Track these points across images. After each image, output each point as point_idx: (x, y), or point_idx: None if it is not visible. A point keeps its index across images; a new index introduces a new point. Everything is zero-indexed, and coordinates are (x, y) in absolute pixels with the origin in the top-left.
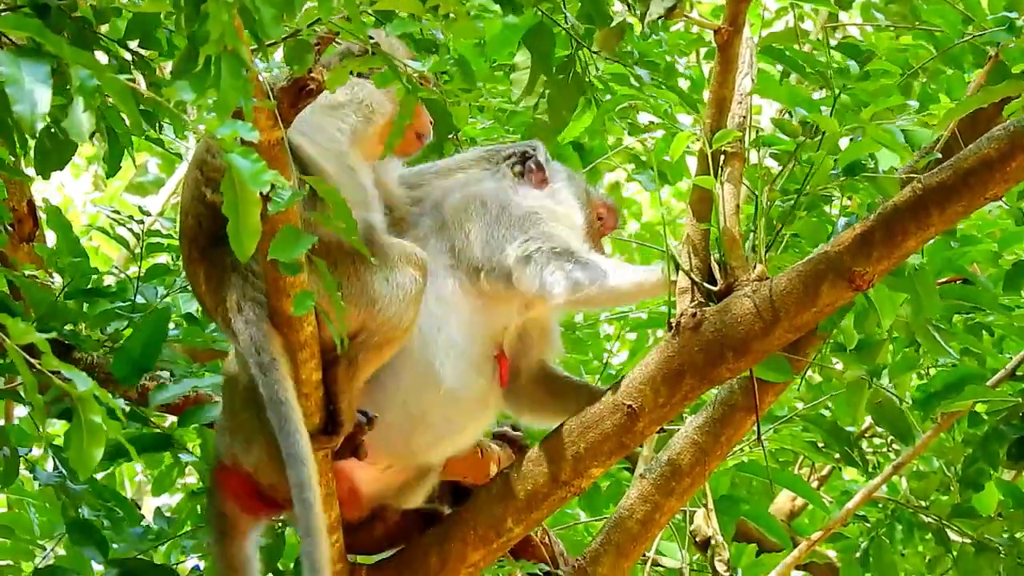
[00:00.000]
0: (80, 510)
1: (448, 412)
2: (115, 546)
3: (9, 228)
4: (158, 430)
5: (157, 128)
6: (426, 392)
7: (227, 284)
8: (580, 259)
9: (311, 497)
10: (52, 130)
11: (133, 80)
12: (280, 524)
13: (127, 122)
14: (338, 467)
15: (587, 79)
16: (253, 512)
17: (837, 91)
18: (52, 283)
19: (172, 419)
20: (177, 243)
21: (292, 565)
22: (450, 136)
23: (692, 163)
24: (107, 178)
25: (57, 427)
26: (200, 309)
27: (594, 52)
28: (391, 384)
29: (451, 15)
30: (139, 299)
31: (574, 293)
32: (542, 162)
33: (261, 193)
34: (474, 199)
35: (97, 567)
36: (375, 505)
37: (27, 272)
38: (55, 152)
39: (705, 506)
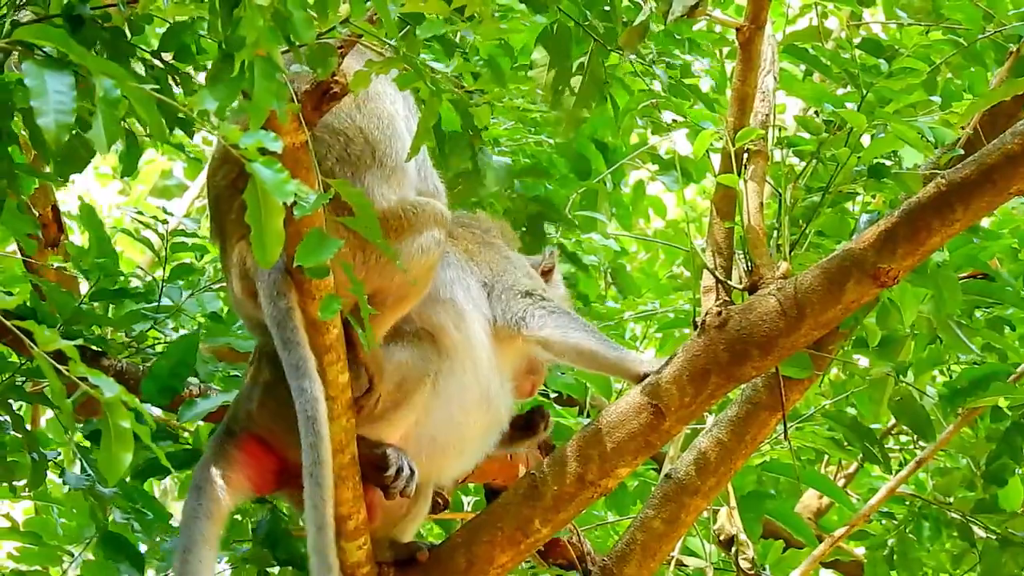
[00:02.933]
0: (109, 513)
1: (487, 432)
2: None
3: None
4: (188, 447)
5: (191, 135)
6: (479, 413)
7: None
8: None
9: (321, 429)
10: (77, 131)
11: (160, 89)
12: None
13: (148, 130)
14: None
15: (605, 78)
16: (261, 484)
17: (864, 90)
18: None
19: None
20: (201, 242)
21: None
22: (473, 134)
23: (716, 161)
24: (122, 177)
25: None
26: (224, 309)
27: (612, 50)
28: (446, 404)
29: (476, 16)
30: (164, 300)
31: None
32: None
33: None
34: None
35: None
36: (378, 532)
37: (55, 264)
38: (74, 156)
39: (728, 504)
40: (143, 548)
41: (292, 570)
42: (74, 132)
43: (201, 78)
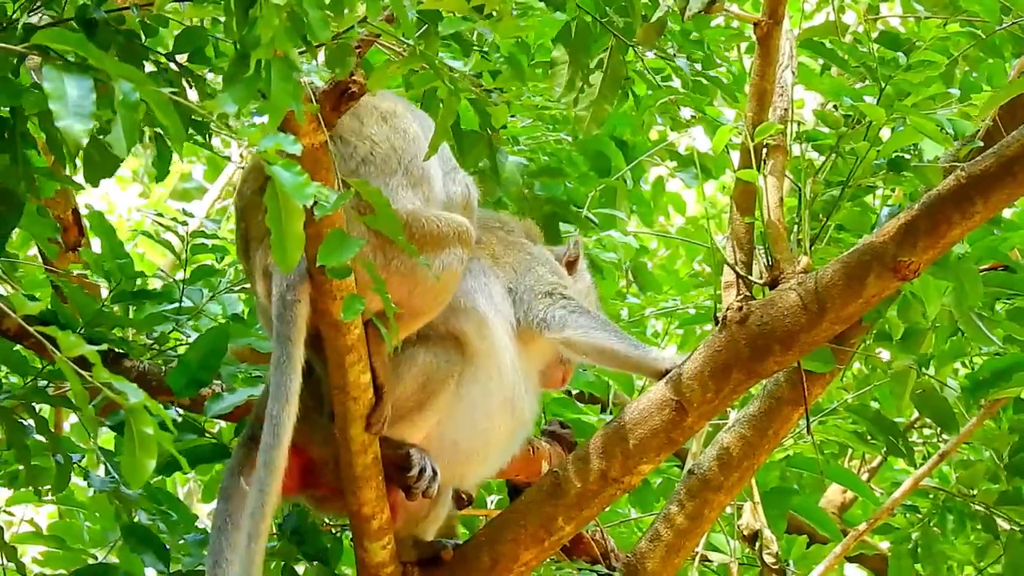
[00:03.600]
0: (134, 515)
1: (512, 437)
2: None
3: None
4: (214, 440)
5: (207, 137)
6: (504, 419)
7: None
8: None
9: (281, 431)
10: (101, 136)
11: (177, 92)
12: (339, 529)
13: (168, 133)
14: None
15: (625, 74)
16: (288, 486)
17: (883, 83)
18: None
19: (221, 424)
20: (222, 244)
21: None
22: (491, 133)
23: (735, 156)
24: (156, 182)
25: (106, 433)
26: (246, 310)
27: (630, 46)
28: (470, 409)
29: (495, 14)
30: (185, 302)
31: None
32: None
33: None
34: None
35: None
36: (400, 531)
37: (75, 272)
38: (103, 160)
39: (752, 500)
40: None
41: (318, 565)
42: (99, 138)
43: (212, 78)
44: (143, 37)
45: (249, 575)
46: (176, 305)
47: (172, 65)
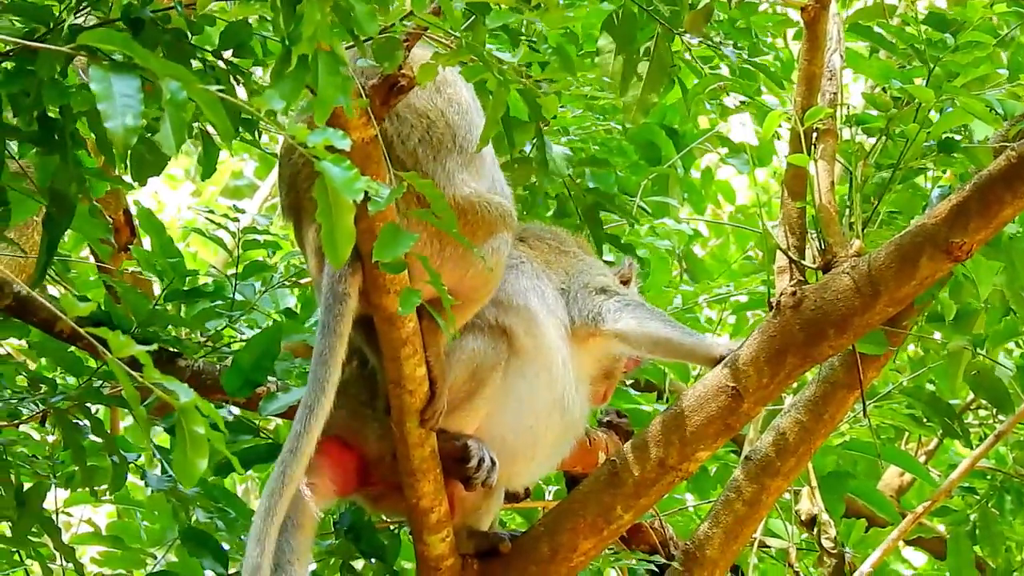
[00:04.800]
0: (192, 513)
1: (562, 438)
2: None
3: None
4: (269, 440)
5: (255, 135)
6: (553, 418)
7: None
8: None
9: (313, 421)
10: (149, 135)
11: (225, 90)
12: (397, 525)
13: (217, 131)
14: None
15: (672, 62)
16: (344, 485)
17: (932, 64)
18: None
19: (278, 422)
20: (273, 239)
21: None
22: (541, 124)
23: (780, 145)
24: (202, 179)
25: (162, 432)
26: (299, 305)
27: (677, 34)
28: (517, 408)
29: (542, 4)
30: (237, 296)
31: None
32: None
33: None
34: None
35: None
36: (456, 524)
37: (130, 269)
38: (152, 159)
39: (809, 484)
40: (226, 547)
41: (376, 562)
42: (148, 137)
43: (260, 73)
44: (189, 35)
45: (265, 551)
46: (229, 301)
47: (219, 62)
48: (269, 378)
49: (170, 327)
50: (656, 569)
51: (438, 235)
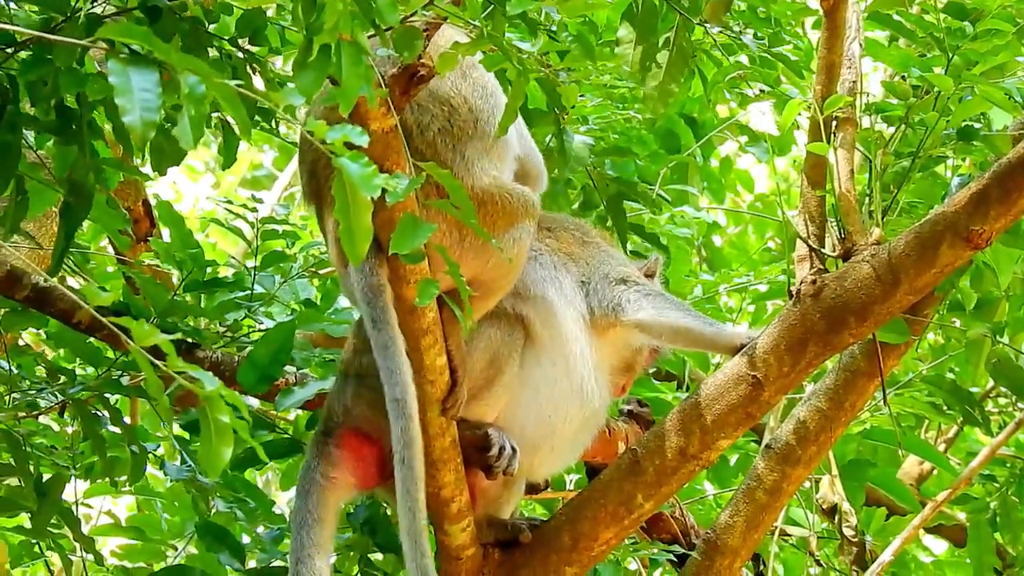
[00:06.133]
0: (212, 504)
1: (582, 429)
2: (245, 539)
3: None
4: (286, 435)
5: (274, 124)
6: (571, 408)
7: None
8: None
9: (410, 410)
10: (166, 126)
11: (242, 84)
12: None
13: (236, 125)
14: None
15: (692, 51)
16: (365, 478)
17: (951, 53)
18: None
19: (298, 411)
20: (292, 230)
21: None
22: (560, 112)
23: (799, 134)
24: (223, 169)
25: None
26: (319, 295)
27: (697, 23)
28: (535, 398)
29: None
30: (257, 288)
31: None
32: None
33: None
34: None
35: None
36: (477, 514)
37: (147, 261)
38: (171, 149)
39: (830, 473)
40: (246, 539)
41: (392, 556)
42: (165, 128)
43: (279, 64)
44: (206, 24)
45: (421, 551)
46: (248, 292)
47: (236, 52)
48: (288, 368)
49: (189, 318)
50: (676, 559)
51: (458, 225)
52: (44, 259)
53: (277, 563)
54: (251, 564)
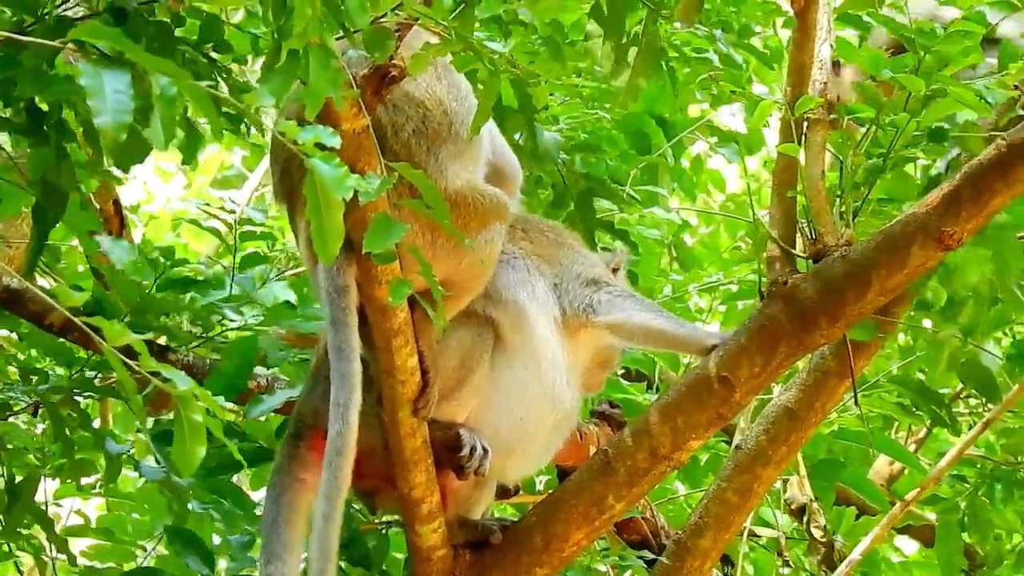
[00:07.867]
0: (188, 505)
1: (554, 432)
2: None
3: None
4: (257, 444)
5: (244, 128)
6: (543, 411)
7: None
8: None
9: (350, 417)
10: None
11: (213, 85)
12: (385, 526)
13: (207, 126)
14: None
15: (660, 46)
16: None
17: (921, 53)
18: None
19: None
20: (270, 231)
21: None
22: (531, 112)
23: (769, 133)
24: (183, 164)
25: (149, 423)
26: (297, 297)
27: (665, 18)
28: (506, 401)
29: None
30: (235, 290)
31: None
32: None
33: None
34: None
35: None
36: (449, 515)
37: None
38: (134, 146)
39: (798, 473)
40: (216, 540)
41: (362, 570)
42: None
43: (238, 70)
44: (172, 28)
45: (326, 557)
46: (226, 294)
47: (201, 57)
48: (259, 371)
49: (162, 317)
50: (646, 564)
51: (430, 226)
52: (14, 258)
53: (245, 572)
54: (222, 564)
